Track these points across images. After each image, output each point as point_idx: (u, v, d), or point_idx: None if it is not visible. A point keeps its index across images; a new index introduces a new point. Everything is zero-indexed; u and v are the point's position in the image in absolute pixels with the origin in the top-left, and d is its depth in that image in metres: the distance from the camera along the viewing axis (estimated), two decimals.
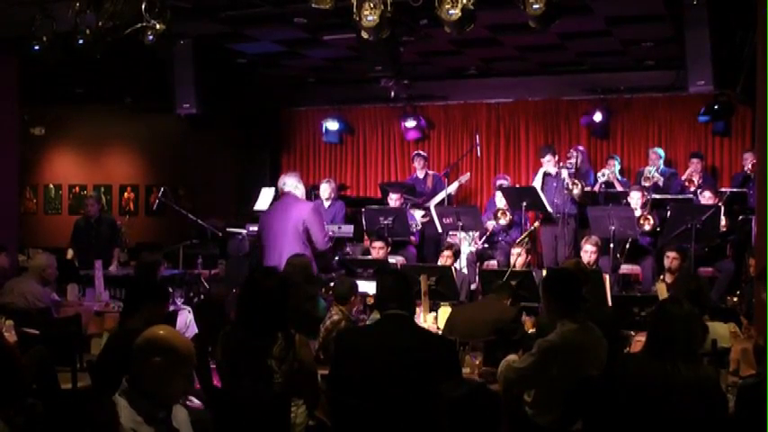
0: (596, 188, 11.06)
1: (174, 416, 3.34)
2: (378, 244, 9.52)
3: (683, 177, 11.10)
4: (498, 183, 11.64)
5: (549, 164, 10.76)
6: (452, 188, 11.77)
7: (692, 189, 10.71)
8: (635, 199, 10.12)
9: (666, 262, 8.47)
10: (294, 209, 7.71)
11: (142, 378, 3.24)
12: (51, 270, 7.91)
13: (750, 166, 10.24)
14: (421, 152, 12.62)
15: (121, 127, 14.57)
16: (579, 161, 10.84)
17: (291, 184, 7.90)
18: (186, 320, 7.84)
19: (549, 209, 10.37)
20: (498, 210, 10.70)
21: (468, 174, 12.38)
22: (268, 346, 4.36)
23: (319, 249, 7.69)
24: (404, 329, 4.43)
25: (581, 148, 11.56)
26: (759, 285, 6.12)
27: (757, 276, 6.60)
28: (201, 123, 12.38)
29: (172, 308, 7.56)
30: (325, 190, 11.20)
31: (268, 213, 8.21)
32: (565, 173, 10.44)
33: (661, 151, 11.44)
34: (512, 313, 6.17)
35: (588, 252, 8.80)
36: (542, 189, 10.58)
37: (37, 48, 8.42)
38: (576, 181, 10.34)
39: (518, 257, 8.98)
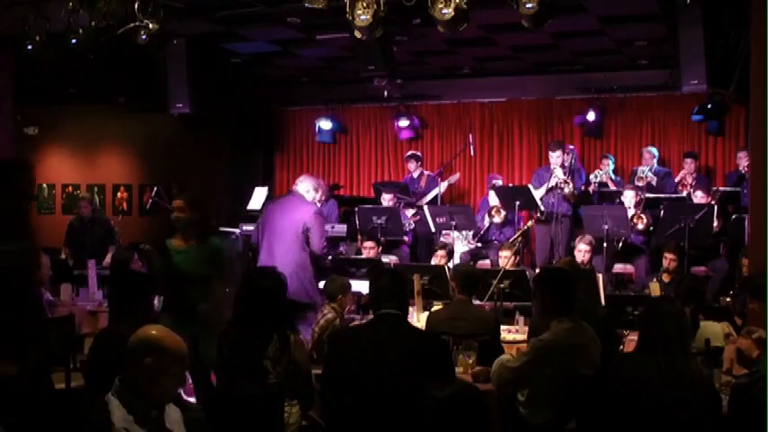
0: (591, 188, 11.06)
1: (167, 415, 3.33)
2: (368, 244, 9.52)
3: (677, 179, 11.07)
4: (491, 182, 11.64)
5: (557, 159, 10.60)
6: (442, 187, 11.77)
7: (686, 193, 10.69)
8: (628, 198, 10.13)
9: (665, 263, 8.54)
10: (297, 209, 7.60)
11: (134, 378, 3.24)
12: (44, 270, 7.88)
13: (745, 165, 10.23)
14: (416, 152, 12.62)
15: (115, 127, 14.52)
16: (572, 159, 10.83)
17: (304, 187, 7.78)
18: None
19: (542, 208, 10.37)
20: (492, 207, 10.70)
21: (458, 174, 12.39)
22: (263, 345, 4.36)
23: (315, 253, 7.60)
24: (397, 329, 4.43)
25: (571, 147, 11.57)
26: (748, 295, 6.11)
27: (744, 283, 6.59)
28: (195, 123, 12.36)
29: None
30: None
31: (270, 209, 8.03)
32: (559, 171, 10.42)
33: (655, 150, 11.43)
34: (491, 321, 6.05)
35: (582, 251, 8.82)
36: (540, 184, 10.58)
37: (30, 47, 8.40)
38: (567, 180, 10.32)
39: (506, 261, 8.93)
